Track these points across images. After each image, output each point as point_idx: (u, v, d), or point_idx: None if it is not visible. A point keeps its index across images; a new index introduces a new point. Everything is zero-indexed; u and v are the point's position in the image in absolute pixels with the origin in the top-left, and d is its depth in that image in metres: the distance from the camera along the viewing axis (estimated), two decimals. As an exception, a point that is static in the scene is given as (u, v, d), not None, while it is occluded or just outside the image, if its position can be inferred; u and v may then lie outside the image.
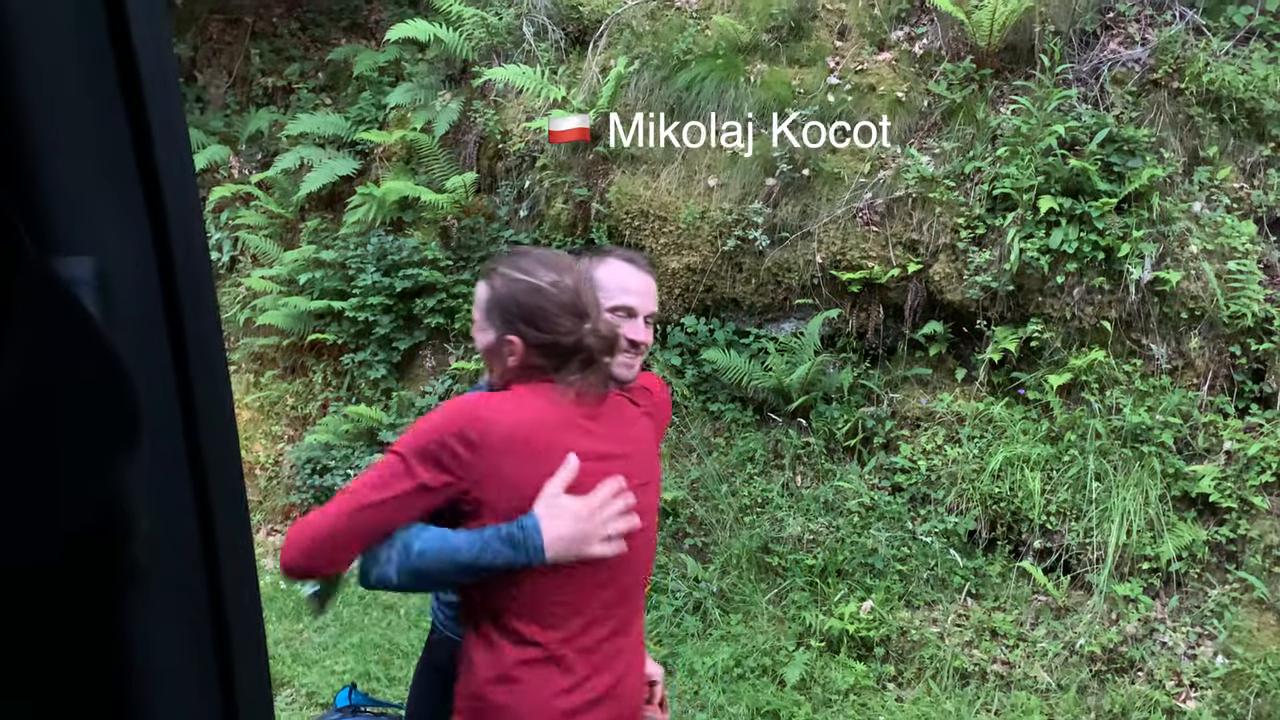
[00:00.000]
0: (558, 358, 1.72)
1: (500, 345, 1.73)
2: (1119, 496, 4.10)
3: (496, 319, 1.74)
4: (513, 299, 1.72)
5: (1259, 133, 4.58)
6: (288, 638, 4.33)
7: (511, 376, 1.75)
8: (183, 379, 0.54)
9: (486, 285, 1.78)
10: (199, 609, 0.60)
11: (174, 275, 0.52)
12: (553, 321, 1.70)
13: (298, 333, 5.72)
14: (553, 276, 1.73)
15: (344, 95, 6.64)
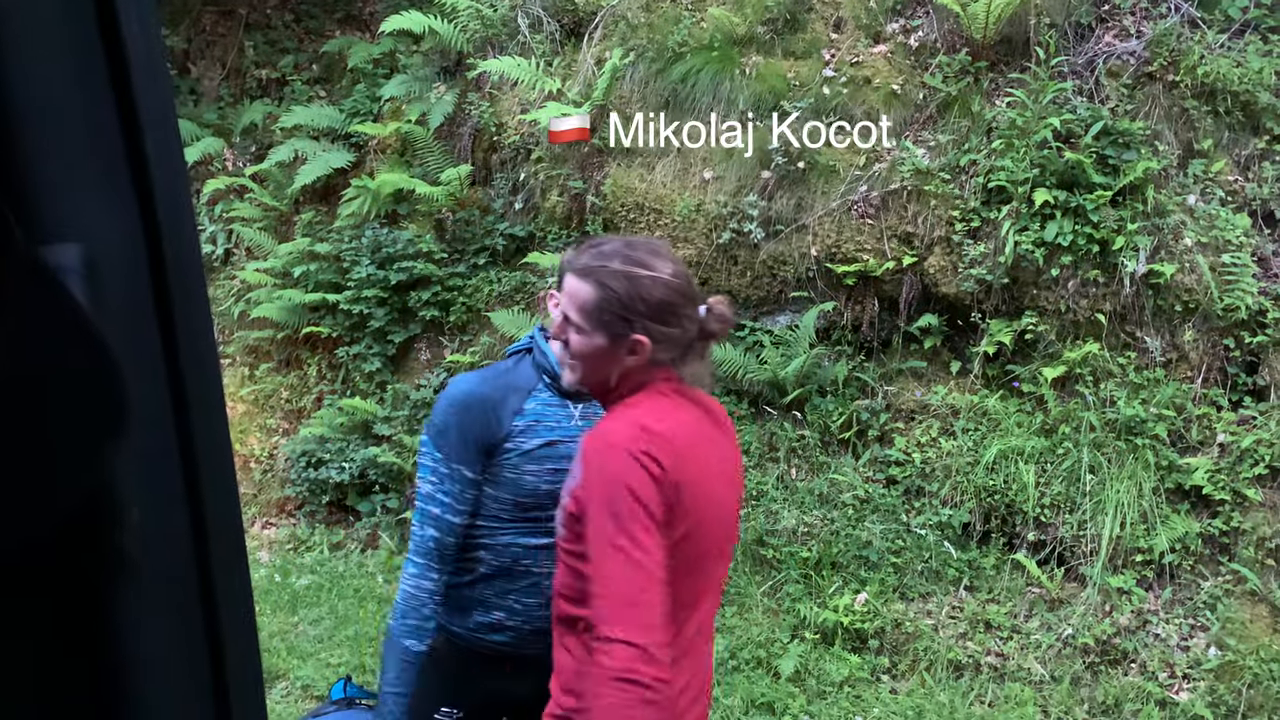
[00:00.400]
0: (680, 349, 1.66)
1: (617, 347, 1.62)
2: (1113, 489, 4.11)
3: (614, 320, 1.61)
4: (637, 296, 1.60)
5: (1254, 125, 4.59)
6: (282, 630, 4.33)
7: (628, 376, 1.65)
8: (172, 368, 0.54)
9: (593, 285, 1.63)
10: (190, 599, 0.60)
11: (163, 264, 0.52)
12: (680, 314, 1.64)
13: (292, 326, 5.71)
14: (670, 266, 1.65)
15: (338, 88, 6.62)
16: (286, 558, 5.06)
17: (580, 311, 1.65)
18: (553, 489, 1.90)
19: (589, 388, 1.75)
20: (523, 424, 1.92)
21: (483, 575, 1.98)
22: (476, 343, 5.35)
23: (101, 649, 0.55)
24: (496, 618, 1.98)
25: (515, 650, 1.99)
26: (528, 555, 1.95)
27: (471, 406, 1.90)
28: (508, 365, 2.00)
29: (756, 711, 3.81)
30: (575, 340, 1.67)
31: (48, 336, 0.47)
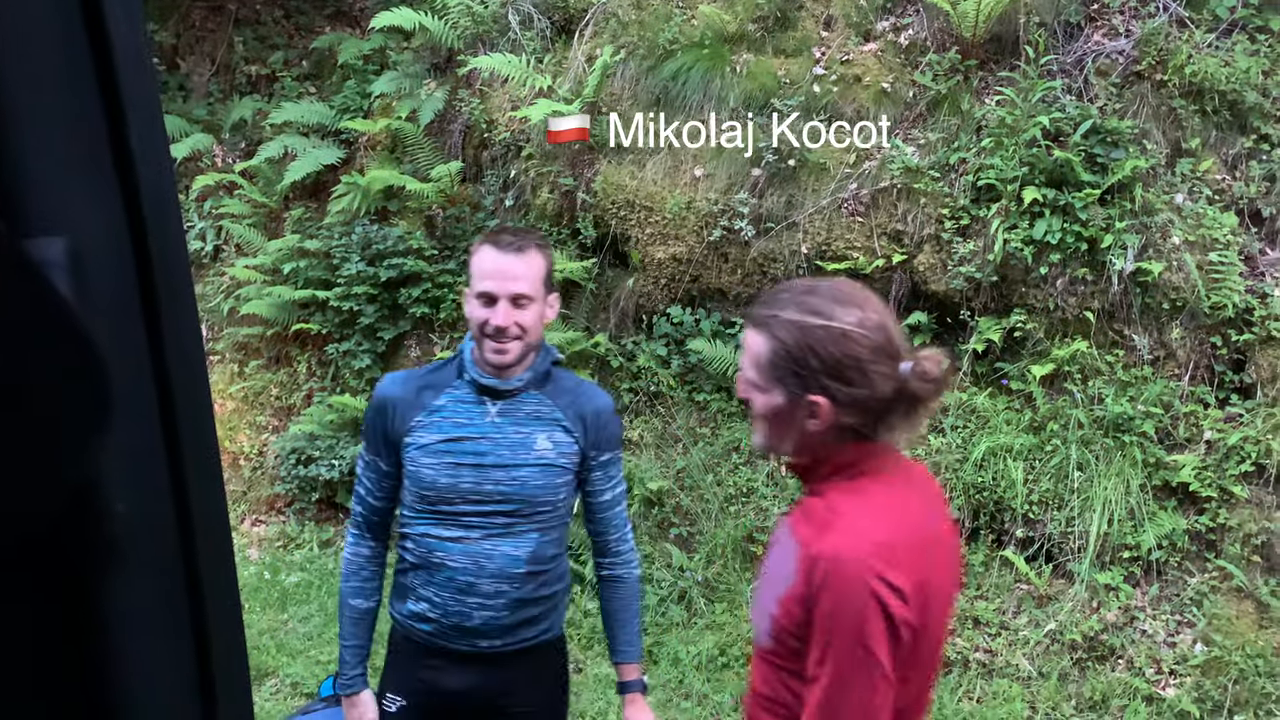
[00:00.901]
0: (875, 412, 1.42)
1: (795, 408, 1.42)
2: (1100, 486, 4.13)
3: (788, 377, 1.41)
4: (810, 351, 1.39)
5: (1241, 125, 4.61)
6: (272, 628, 4.32)
7: (828, 451, 1.45)
8: (158, 362, 0.54)
9: (766, 337, 1.43)
10: (176, 593, 0.60)
11: (149, 258, 0.52)
12: (868, 371, 1.38)
13: (282, 322, 5.69)
14: (855, 314, 1.39)
15: (328, 84, 6.60)
16: (276, 555, 5.05)
17: (755, 366, 1.46)
18: (453, 483, 1.98)
19: (787, 457, 1.55)
20: (425, 420, 1.99)
21: (410, 564, 2.06)
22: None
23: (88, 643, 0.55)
24: (421, 608, 2.05)
25: (442, 644, 2.04)
26: (440, 547, 2.01)
27: (381, 404, 2.04)
28: (438, 364, 2.10)
29: (746, 708, 3.82)
30: (756, 400, 1.49)
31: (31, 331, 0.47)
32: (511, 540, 2.00)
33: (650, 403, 5.06)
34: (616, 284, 5.26)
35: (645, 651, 4.15)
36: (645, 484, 4.71)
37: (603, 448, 2.08)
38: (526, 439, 2.01)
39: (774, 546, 1.52)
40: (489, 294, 1.92)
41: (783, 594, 1.40)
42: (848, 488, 1.44)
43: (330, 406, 5.32)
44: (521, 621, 2.04)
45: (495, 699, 2.08)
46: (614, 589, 2.18)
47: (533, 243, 1.98)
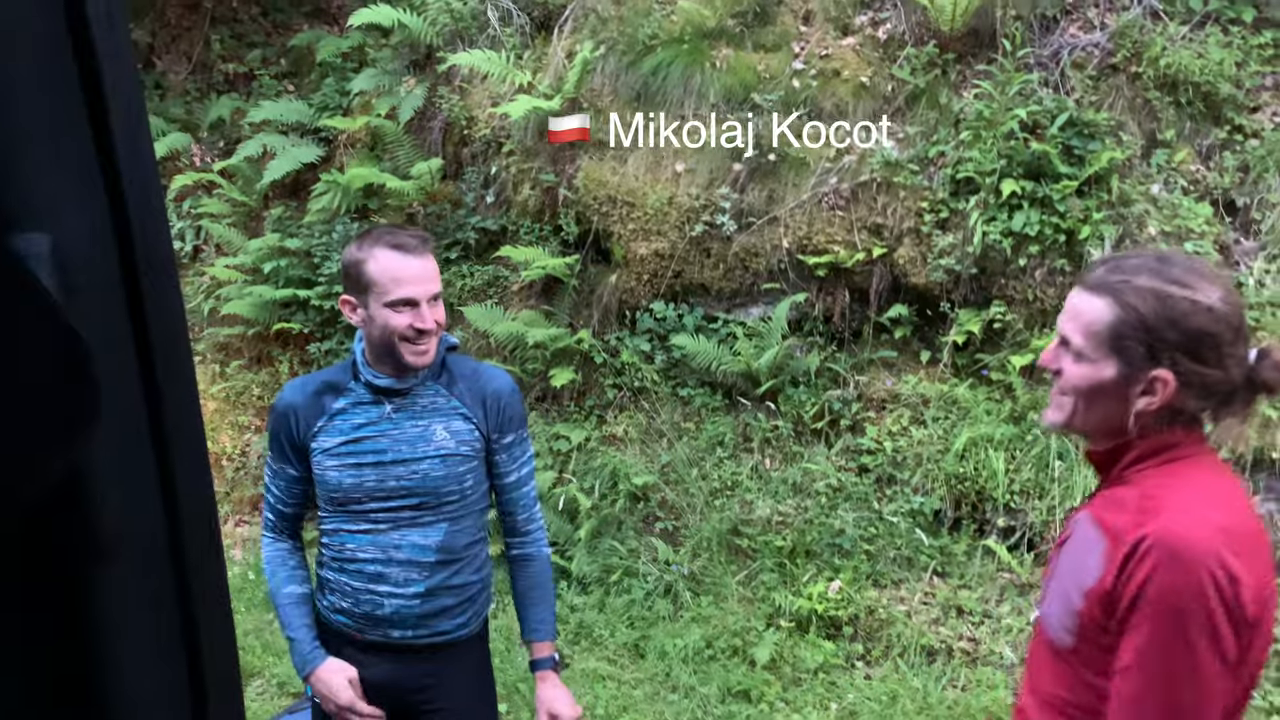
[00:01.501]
0: (1217, 397, 1.33)
1: (1130, 383, 1.32)
2: (1080, 474, 4.17)
3: (1134, 348, 1.31)
4: (1170, 323, 1.29)
5: (1214, 116, 4.66)
6: (258, 628, 4.31)
7: (1131, 425, 1.34)
8: (144, 357, 0.55)
9: (1111, 303, 1.33)
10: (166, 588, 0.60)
11: (133, 253, 0.53)
12: (1224, 353, 1.29)
13: (263, 322, 5.67)
14: (1219, 290, 1.31)
15: (307, 81, 6.57)
16: (260, 555, 5.02)
17: (1085, 333, 1.35)
18: (356, 483, 2.01)
19: (1087, 435, 1.44)
20: (326, 424, 2.03)
21: (326, 559, 2.10)
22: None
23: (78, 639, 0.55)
24: (335, 599, 2.09)
25: (357, 632, 2.09)
26: (351, 540, 2.05)
27: (282, 414, 2.07)
28: (336, 367, 2.13)
29: (733, 700, 3.84)
30: (1073, 371, 1.37)
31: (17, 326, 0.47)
32: (420, 530, 2.03)
33: (634, 398, 5.07)
34: (599, 280, 5.26)
35: (632, 645, 4.17)
36: (630, 479, 4.73)
37: (505, 430, 2.09)
38: (424, 432, 2.02)
39: (1069, 542, 1.43)
40: (410, 299, 1.91)
41: (1090, 587, 1.33)
42: (1164, 473, 1.35)
43: (313, 406, 5.30)
44: (435, 612, 2.06)
45: (410, 695, 2.10)
46: (524, 568, 2.19)
47: (426, 239, 2.01)
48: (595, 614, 4.30)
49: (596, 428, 5.03)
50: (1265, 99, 4.73)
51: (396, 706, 2.11)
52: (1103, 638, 1.32)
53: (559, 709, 2.15)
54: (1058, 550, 1.48)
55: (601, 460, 4.85)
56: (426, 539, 2.03)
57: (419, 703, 2.11)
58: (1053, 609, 1.41)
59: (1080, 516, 1.44)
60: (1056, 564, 1.46)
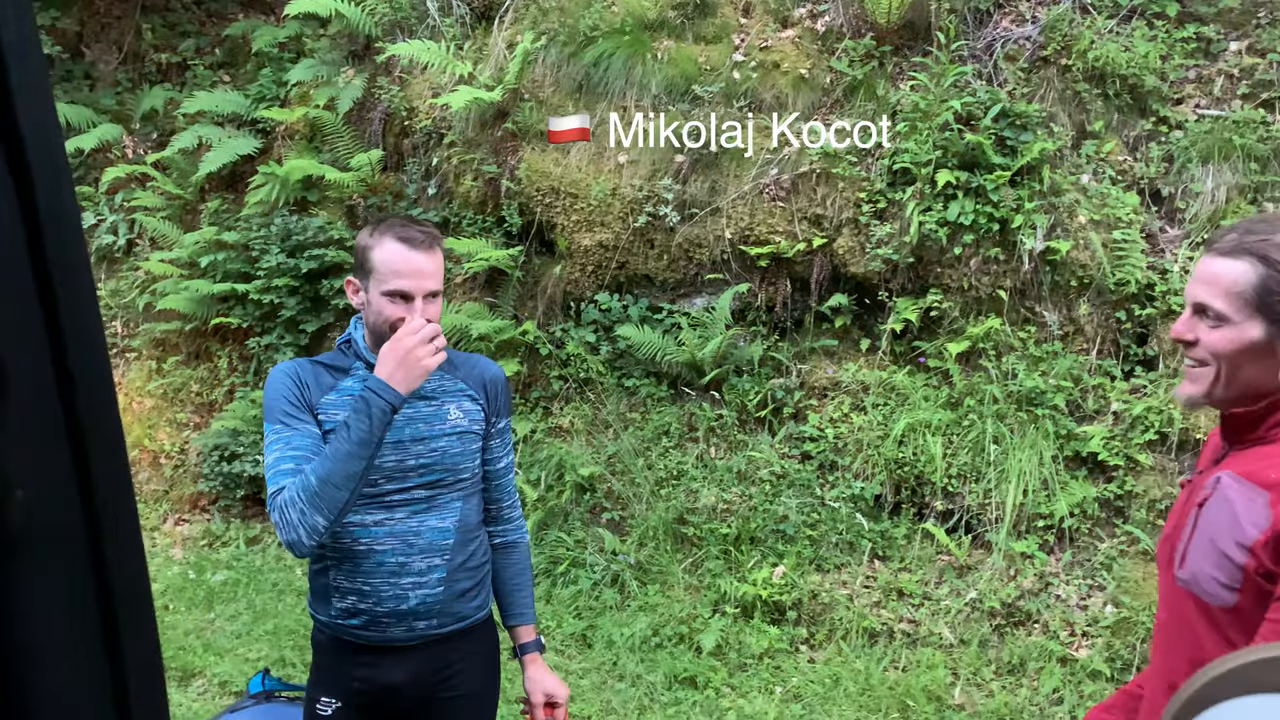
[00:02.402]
0: None
1: (1277, 340, 1.34)
2: (1015, 458, 4.28)
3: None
4: None
5: (1141, 108, 4.80)
6: (198, 628, 4.25)
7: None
8: (56, 346, 0.55)
9: (1253, 263, 1.34)
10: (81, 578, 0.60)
11: (42, 240, 0.52)
12: None
13: (201, 317, 5.56)
14: None
15: (243, 72, 6.45)
16: (201, 554, 4.95)
17: (1227, 297, 1.34)
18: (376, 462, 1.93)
19: (1226, 404, 1.43)
20: (335, 399, 1.98)
21: (330, 561, 2.01)
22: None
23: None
24: (350, 603, 2.00)
25: (377, 635, 2.01)
26: (365, 534, 1.97)
27: (290, 375, 1.97)
28: (329, 354, 2.07)
29: (679, 686, 3.88)
30: (1213, 337, 1.37)
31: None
32: (436, 513, 2.01)
33: (580, 389, 5.09)
34: (543, 271, 5.26)
35: (579, 635, 4.19)
36: (577, 470, 4.74)
37: (500, 415, 2.13)
38: (439, 410, 2.02)
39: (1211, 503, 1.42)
40: (405, 292, 1.91)
41: (1257, 539, 1.32)
42: None
43: (254, 402, 5.23)
44: (457, 595, 2.04)
45: (435, 686, 2.06)
46: (508, 555, 2.20)
47: (436, 236, 1.99)
48: (542, 605, 4.31)
49: (542, 419, 5.03)
50: (1189, 91, 4.88)
51: (418, 701, 2.07)
52: (1268, 584, 1.30)
53: (551, 688, 2.18)
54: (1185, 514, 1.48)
55: (548, 452, 4.86)
56: (444, 520, 2.01)
57: (440, 694, 2.07)
58: (1203, 568, 1.39)
59: (1220, 476, 1.43)
60: (1194, 524, 1.44)
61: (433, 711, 2.09)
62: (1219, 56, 4.91)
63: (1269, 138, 4.61)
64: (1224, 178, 4.58)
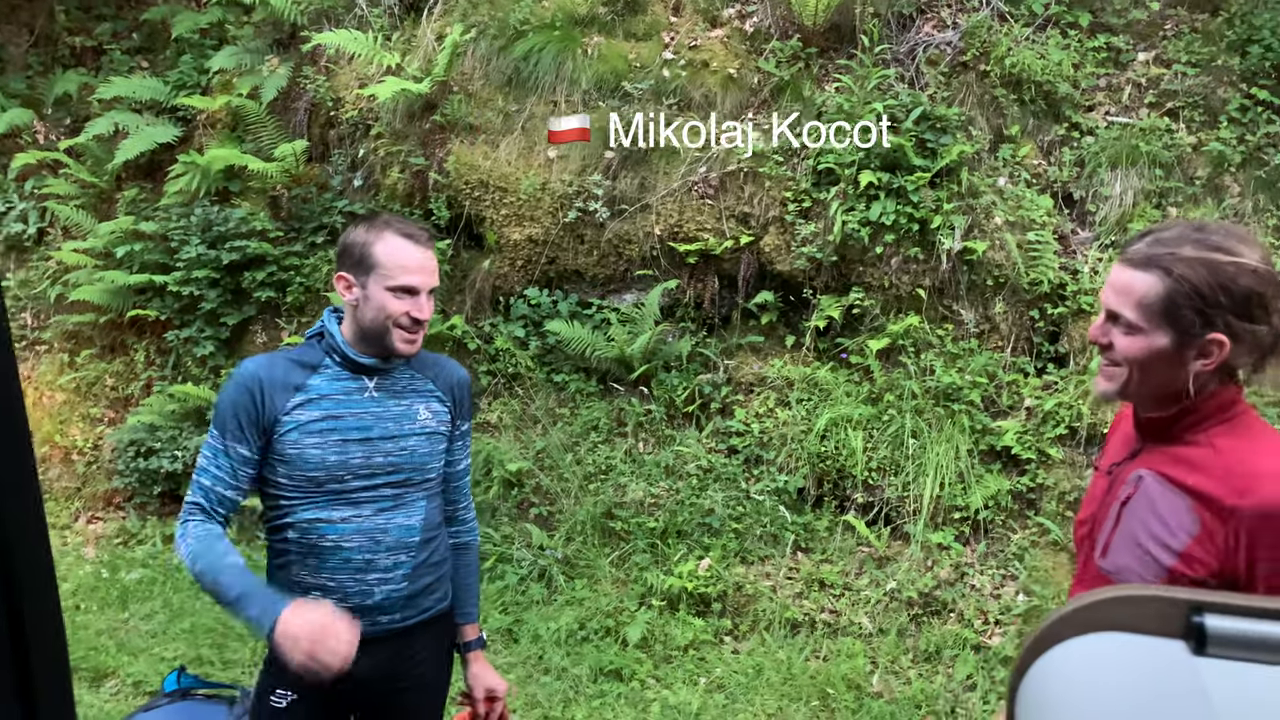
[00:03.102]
0: (1264, 351, 1.42)
1: (1185, 348, 1.41)
2: (933, 452, 4.40)
3: (1188, 316, 1.39)
4: (1222, 289, 1.37)
5: (1055, 114, 4.97)
6: (111, 627, 4.14)
7: (1188, 388, 1.43)
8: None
9: (1160, 276, 1.40)
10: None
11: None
12: (1270, 309, 1.38)
13: (116, 309, 5.41)
14: (1258, 251, 1.40)
15: (162, 58, 6.27)
16: (115, 552, 4.82)
17: (1138, 307, 1.42)
18: (342, 459, 1.97)
19: (1140, 402, 1.51)
20: (301, 399, 1.97)
21: (294, 556, 2.01)
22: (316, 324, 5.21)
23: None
24: (313, 598, 1.97)
25: None
26: (331, 530, 1.98)
27: (248, 387, 1.95)
28: (301, 347, 2.06)
29: (605, 679, 3.91)
30: (1125, 343, 1.44)
31: None
32: (403, 510, 2.03)
33: (509, 384, 5.08)
34: (472, 265, 5.23)
35: (505, 630, 4.19)
36: (505, 465, 4.73)
37: (464, 416, 2.17)
38: (409, 410, 2.04)
39: (1135, 500, 1.49)
40: (412, 288, 1.94)
41: (1185, 548, 1.39)
42: (1229, 431, 1.42)
43: (171, 396, 5.10)
44: (420, 590, 2.07)
45: (395, 677, 2.08)
46: (461, 555, 2.24)
47: (430, 234, 2.04)
48: (468, 600, 4.30)
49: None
50: (1099, 99, 5.07)
51: (376, 693, 2.07)
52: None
53: (492, 683, 2.22)
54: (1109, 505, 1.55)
55: (475, 447, 4.84)
56: (410, 519, 2.03)
57: (399, 685, 2.09)
58: (1126, 563, 1.47)
59: (1140, 474, 1.50)
60: (1119, 519, 1.51)
61: (390, 701, 2.11)
62: (1128, 66, 5.12)
63: (1173, 145, 4.81)
64: (1131, 183, 4.78)
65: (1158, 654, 0.52)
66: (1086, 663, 0.53)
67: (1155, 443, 1.52)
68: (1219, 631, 0.52)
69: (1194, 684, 0.50)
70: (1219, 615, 0.52)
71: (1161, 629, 0.53)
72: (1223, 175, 4.81)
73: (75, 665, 3.77)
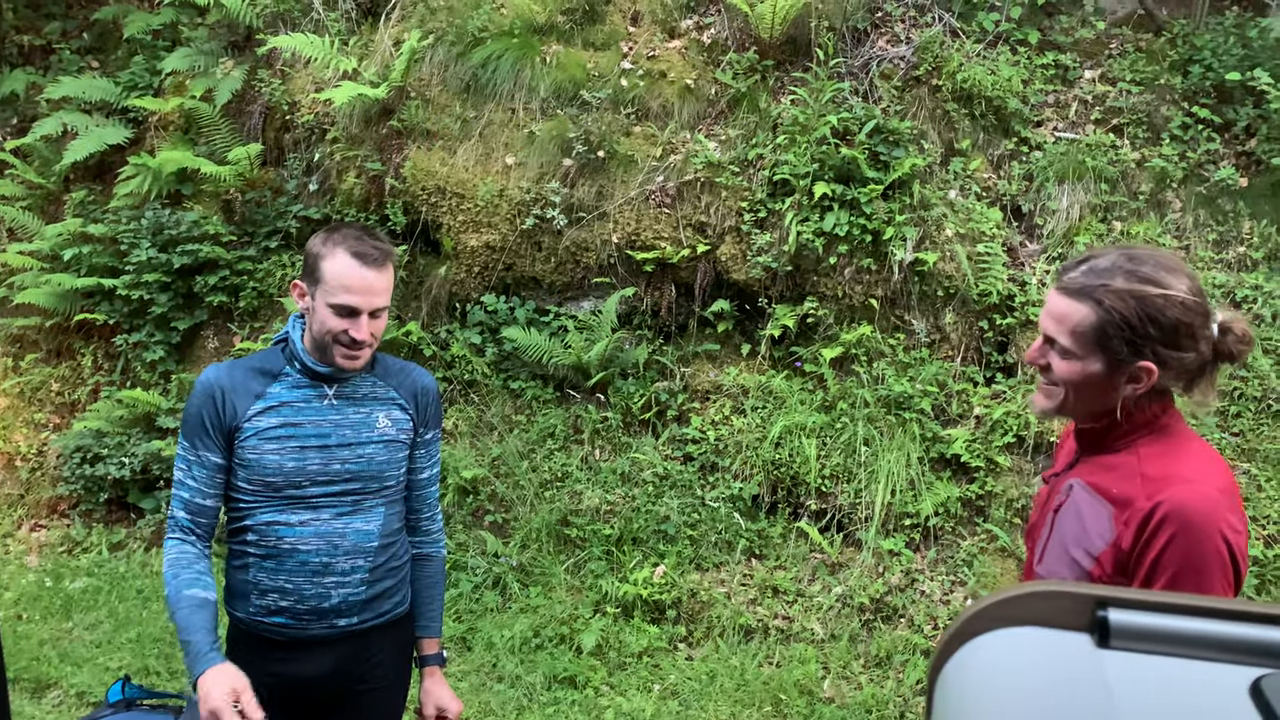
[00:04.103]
0: (1192, 374, 1.49)
1: (1116, 374, 1.47)
2: (884, 459, 4.47)
3: (1119, 345, 1.45)
4: (1150, 320, 1.43)
5: (1004, 128, 5.08)
6: (54, 637, 4.05)
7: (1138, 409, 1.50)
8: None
9: (1092, 306, 1.46)
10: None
11: None
12: (1197, 336, 1.45)
13: (63, 312, 5.31)
14: (1185, 281, 1.46)
15: (113, 58, 6.18)
16: (59, 561, 4.72)
17: (1072, 335, 1.48)
18: (299, 466, 1.98)
19: (1076, 418, 1.58)
20: (262, 406, 1.99)
21: (253, 558, 2.02)
22: (270, 329, 5.16)
23: None
24: (271, 600, 2.01)
25: (298, 631, 2.03)
26: (290, 533, 2.00)
27: (210, 395, 1.98)
28: (263, 353, 2.08)
29: (559, 686, 3.91)
30: (1061, 366, 1.51)
31: None
32: (361, 515, 2.03)
33: (465, 391, 5.06)
34: (429, 272, 5.21)
35: (459, 638, 4.17)
36: (460, 472, 4.71)
37: (429, 425, 2.17)
38: (368, 418, 2.05)
39: (1065, 508, 1.56)
40: (352, 308, 1.93)
41: (1102, 551, 1.46)
42: (1153, 442, 1.50)
43: (120, 402, 5.02)
44: (378, 594, 2.07)
45: (353, 679, 2.09)
46: (424, 566, 2.24)
47: (389, 251, 1.99)
48: (422, 608, 4.28)
49: (425, 421, 4.98)
50: (1048, 114, 5.19)
51: (334, 693, 2.08)
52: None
53: (445, 703, 2.21)
54: (1047, 513, 1.63)
55: (430, 454, 4.82)
56: (369, 524, 2.04)
57: (355, 688, 2.10)
58: (1056, 569, 1.54)
59: (1071, 484, 1.58)
60: (1051, 526, 1.59)
61: (347, 702, 2.12)
62: (1074, 83, 5.24)
63: (1118, 160, 4.94)
64: (1078, 197, 4.89)
65: (1064, 647, 0.55)
66: (997, 657, 0.56)
67: (1089, 453, 1.60)
68: (1122, 625, 0.55)
69: (1097, 675, 0.53)
70: (1122, 610, 0.55)
71: (1069, 623, 0.56)
72: (1165, 191, 4.94)
73: (16, 676, 3.69)
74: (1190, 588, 1.39)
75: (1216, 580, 1.40)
